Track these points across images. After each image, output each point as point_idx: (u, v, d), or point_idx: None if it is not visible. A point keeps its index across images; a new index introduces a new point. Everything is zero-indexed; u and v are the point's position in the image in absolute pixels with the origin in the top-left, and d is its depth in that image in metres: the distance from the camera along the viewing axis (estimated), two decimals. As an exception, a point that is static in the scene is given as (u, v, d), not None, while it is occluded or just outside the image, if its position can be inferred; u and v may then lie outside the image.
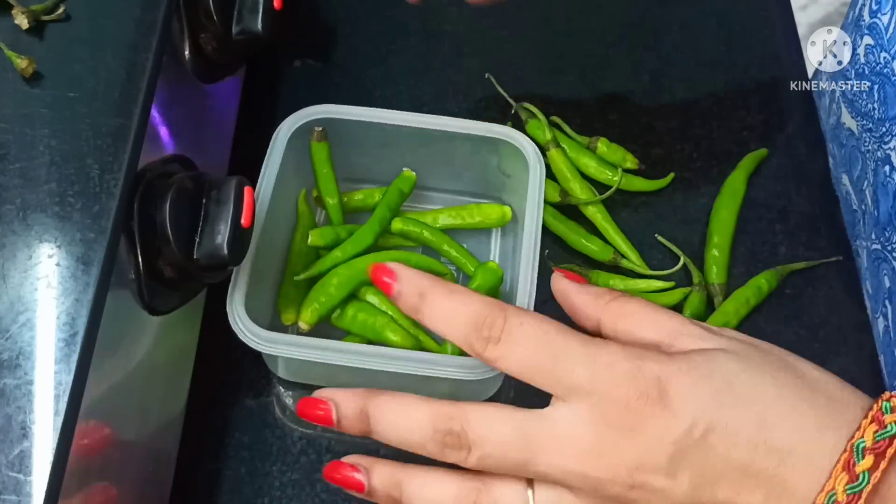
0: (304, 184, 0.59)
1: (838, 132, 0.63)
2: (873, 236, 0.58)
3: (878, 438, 0.32)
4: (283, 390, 0.55)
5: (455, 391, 0.54)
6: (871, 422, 0.33)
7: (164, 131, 0.49)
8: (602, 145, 0.64)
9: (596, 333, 0.39)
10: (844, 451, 0.33)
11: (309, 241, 0.55)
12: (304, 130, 0.55)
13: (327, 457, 0.54)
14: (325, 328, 0.54)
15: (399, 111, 0.55)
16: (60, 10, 0.45)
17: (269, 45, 0.56)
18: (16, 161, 0.41)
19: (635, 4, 0.74)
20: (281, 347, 0.47)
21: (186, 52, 0.52)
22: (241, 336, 0.46)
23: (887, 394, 0.34)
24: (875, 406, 0.34)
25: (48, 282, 0.38)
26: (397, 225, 0.57)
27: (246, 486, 0.53)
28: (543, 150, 0.62)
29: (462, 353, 0.52)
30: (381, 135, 0.56)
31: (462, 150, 0.57)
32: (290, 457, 0.54)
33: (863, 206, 0.60)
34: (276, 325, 0.54)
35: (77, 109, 0.43)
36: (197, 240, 0.45)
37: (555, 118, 0.65)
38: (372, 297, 0.55)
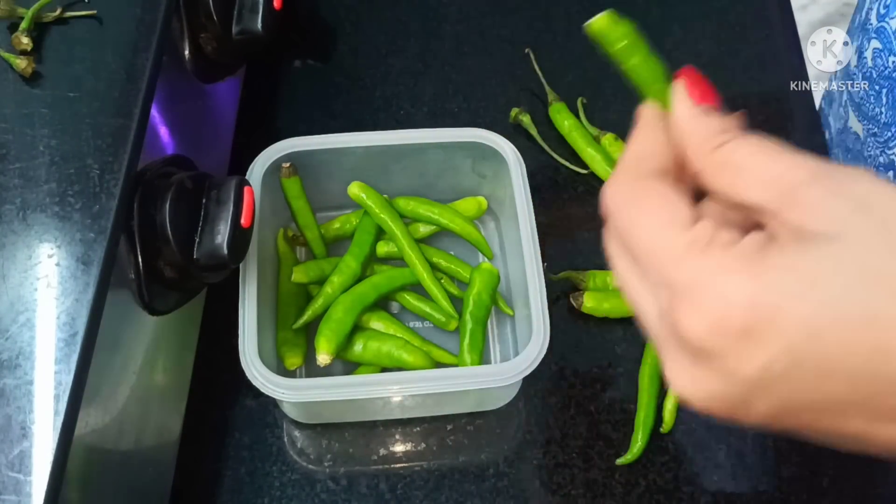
0: (281, 222, 0.58)
1: (845, 137, 0.63)
2: None
3: None
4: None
5: (481, 396, 0.54)
6: None
7: (164, 131, 0.49)
8: (606, 141, 0.64)
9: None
10: None
11: (292, 278, 0.54)
12: (273, 168, 0.54)
13: (327, 457, 0.54)
14: (326, 366, 0.54)
15: (365, 132, 0.55)
16: (59, 11, 0.45)
17: (269, 45, 0.56)
18: (16, 161, 0.41)
19: (635, 4, 0.74)
20: (309, 392, 0.47)
21: (186, 52, 0.52)
22: (264, 389, 0.46)
23: None
24: None
25: (48, 282, 0.38)
26: (382, 248, 0.57)
27: (246, 486, 0.53)
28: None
29: (480, 362, 0.53)
30: (350, 159, 0.56)
31: (434, 159, 0.57)
32: (290, 457, 0.54)
33: None
34: (280, 370, 0.54)
35: (77, 109, 0.43)
36: (197, 240, 0.45)
37: (581, 100, 0.66)
38: (377, 324, 0.54)
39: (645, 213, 0.30)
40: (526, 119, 0.65)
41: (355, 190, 0.56)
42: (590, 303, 0.57)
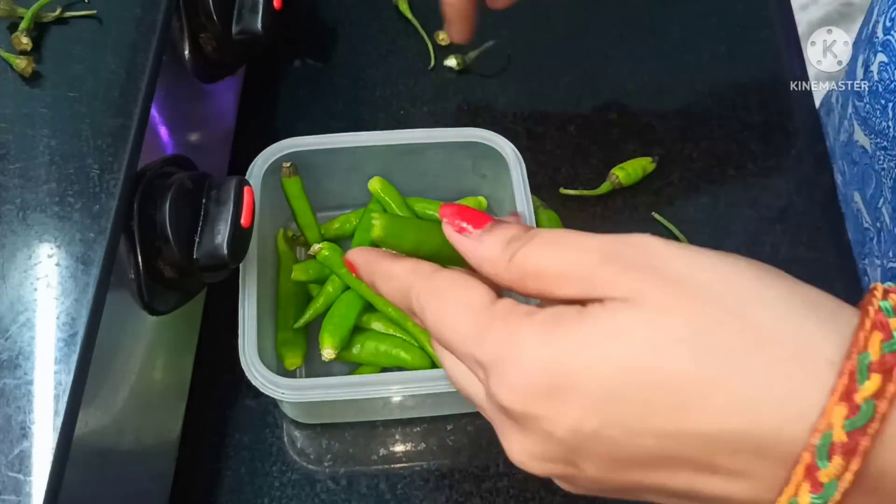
0: (281, 222, 0.58)
1: (850, 149, 0.62)
2: (891, 254, 0.57)
3: (885, 350, 0.24)
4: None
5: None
6: (871, 329, 0.24)
7: (164, 131, 0.49)
8: (621, 174, 0.63)
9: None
10: (840, 374, 0.24)
11: (292, 276, 0.55)
12: (273, 168, 0.54)
13: (327, 457, 0.54)
14: (326, 366, 0.54)
15: (365, 132, 0.55)
16: (59, 11, 0.45)
17: (269, 45, 0.56)
18: (16, 161, 0.41)
19: (635, 4, 0.74)
20: (309, 392, 0.47)
21: (186, 52, 0.52)
22: (264, 389, 0.46)
23: (879, 287, 0.26)
24: (870, 308, 0.25)
25: (48, 282, 0.38)
26: None
27: (246, 486, 0.53)
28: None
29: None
30: (350, 158, 0.56)
31: (435, 159, 0.57)
32: (290, 457, 0.54)
33: (878, 224, 0.59)
34: (280, 370, 0.54)
35: (77, 109, 0.43)
36: (197, 240, 0.45)
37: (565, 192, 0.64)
38: (377, 324, 0.54)
39: (446, 301, 0.31)
40: None
41: (376, 185, 0.56)
42: None
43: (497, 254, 0.31)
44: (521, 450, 0.30)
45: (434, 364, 0.53)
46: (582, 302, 0.29)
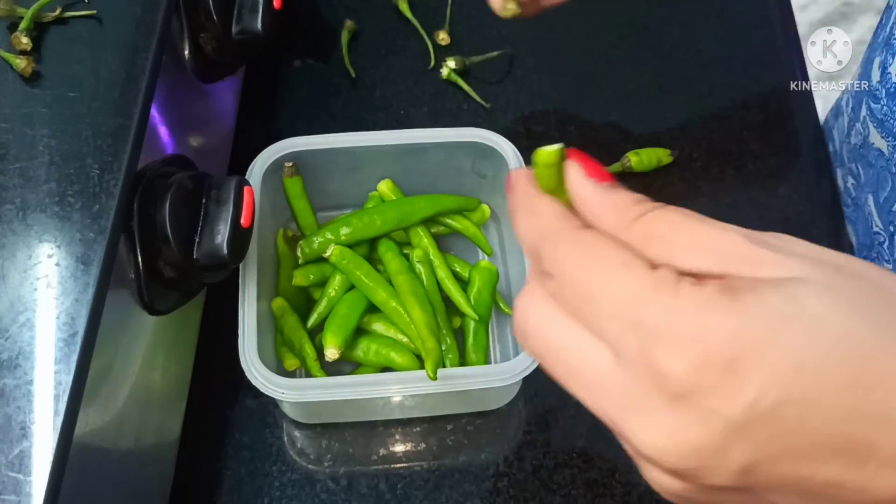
0: (281, 222, 0.58)
1: (865, 152, 0.61)
2: None
3: None
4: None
5: (481, 396, 0.54)
6: None
7: (164, 131, 0.49)
8: (634, 159, 0.64)
9: None
10: None
11: (293, 281, 0.55)
12: (273, 168, 0.54)
13: (327, 457, 0.54)
14: (325, 367, 0.54)
15: (365, 132, 0.55)
16: (59, 11, 0.45)
17: (269, 45, 0.56)
18: (16, 161, 0.41)
19: (635, 4, 0.74)
20: (309, 392, 0.47)
21: (186, 52, 0.52)
22: (264, 389, 0.46)
23: None
24: None
25: (48, 282, 0.38)
26: (383, 251, 0.57)
27: (246, 486, 0.53)
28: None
29: (484, 361, 0.53)
30: (350, 158, 0.56)
31: (434, 159, 0.57)
32: (290, 457, 0.54)
33: (890, 228, 0.59)
34: (280, 370, 0.54)
35: (77, 109, 0.43)
36: (197, 240, 0.45)
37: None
38: (377, 325, 0.54)
39: (599, 257, 0.28)
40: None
41: (384, 188, 0.57)
42: None
43: (625, 206, 0.29)
44: (668, 433, 0.26)
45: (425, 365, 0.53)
46: (711, 277, 0.27)
